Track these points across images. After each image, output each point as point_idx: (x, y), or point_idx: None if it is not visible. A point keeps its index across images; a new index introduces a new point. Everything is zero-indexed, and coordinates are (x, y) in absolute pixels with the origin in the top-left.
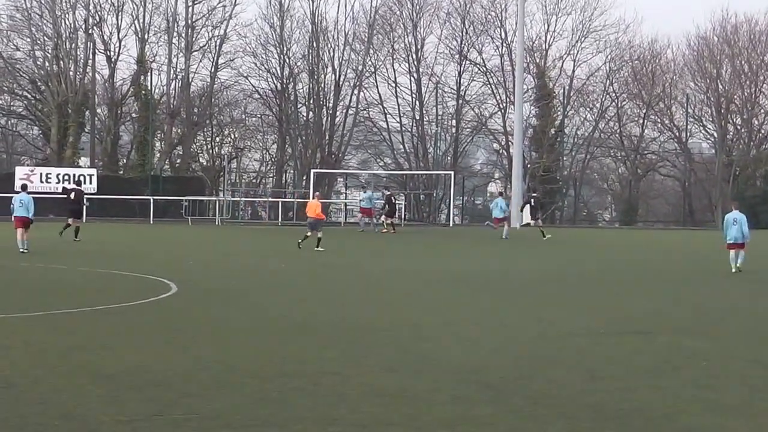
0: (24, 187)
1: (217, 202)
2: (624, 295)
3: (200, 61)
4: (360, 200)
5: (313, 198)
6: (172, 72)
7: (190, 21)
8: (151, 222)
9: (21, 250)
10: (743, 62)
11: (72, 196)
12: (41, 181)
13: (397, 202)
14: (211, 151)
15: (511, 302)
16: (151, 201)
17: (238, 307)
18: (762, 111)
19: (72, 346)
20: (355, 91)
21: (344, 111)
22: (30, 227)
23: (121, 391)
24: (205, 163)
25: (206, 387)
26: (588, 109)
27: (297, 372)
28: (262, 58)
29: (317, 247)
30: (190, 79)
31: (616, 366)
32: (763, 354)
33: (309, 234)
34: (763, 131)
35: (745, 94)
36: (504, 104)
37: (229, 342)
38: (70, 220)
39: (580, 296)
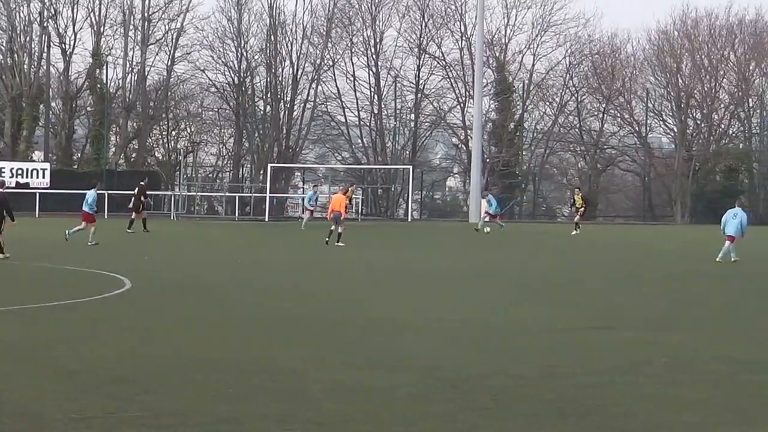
0: None
1: (173, 197)
2: (586, 290)
3: (156, 54)
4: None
5: (339, 192)
6: (128, 65)
7: (146, 14)
8: (106, 217)
9: None
10: (703, 57)
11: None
12: None
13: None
14: (167, 145)
15: (471, 298)
16: (106, 195)
17: (195, 303)
18: (722, 106)
19: (27, 342)
20: (313, 85)
21: (302, 105)
22: None
23: (77, 388)
24: (161, 158)
25: (163, 383)
26: (548, 103)
27: (256, 368)
28: (219, 51)
29: (338, 242)
30: (146, 73)
31: (577, 362)
32: (725, 350)
33: (333, 228)
34: (722, 126)
35: (705, 88)
36: (463, 98)
37: (187, 338)
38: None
39: (541, 292)
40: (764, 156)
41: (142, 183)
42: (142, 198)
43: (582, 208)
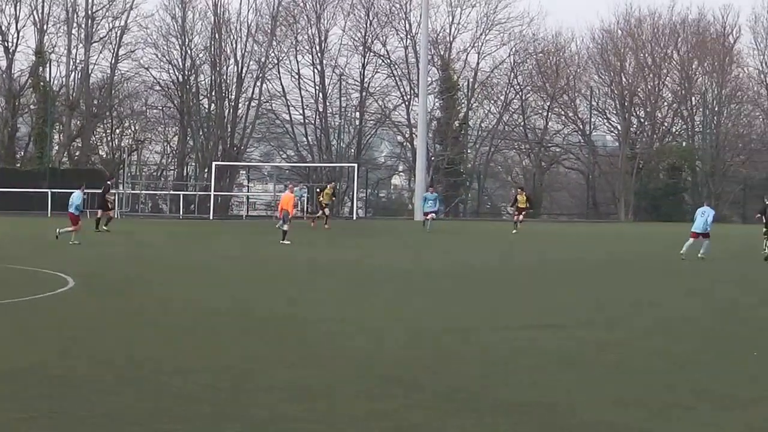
0: None
1: (117, 195)
2: (532, 288)
3: (100, 52)
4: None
5: (288, 191)
6: (71, 63)
7: (90, 12)
8: (49, 215)
9: None
10: (647, 55)
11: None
12: None
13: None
14: (111, 144)
15: (419, 296)
16: (49, 194)
17: (139, 301)
18: (665, 104)
19: None
20: (258, 83)
21: (247, 103)
22: None
23: (20, 389)
24: (104, 156)
25: (107, 383)
26: (492, 101)
27: (200, 367)
28: (163, 49)
29: (284, 240)
30: (90, 71)
31: (522, 359)
32: (667, 347)
33: (285, 227)
34: (666, 124)
35: (649, 87)
36: (408, 96)
37: (130, 337)
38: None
39: (488, 290)
40: (707, 154)
41: (108, 182)
42: (107, 197)
43: (525, 208)
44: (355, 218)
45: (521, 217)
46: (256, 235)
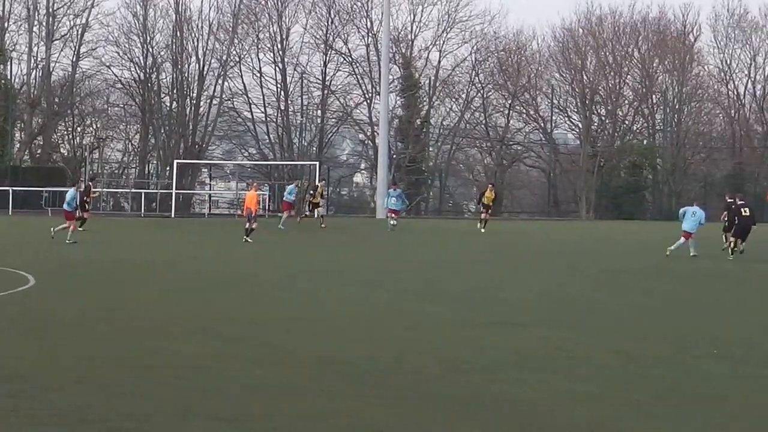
0: None
1: (78, 193)
2: (492, 286)
3: (61, 50)
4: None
5: (252, 190)
6: (32, 61)
7: (51, 9)
8: (10, 213)
9: None
10: (608, 54)
11: None
12: None
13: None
14: (72, 142)
15: (377, 294)
16: (10, 192)
17: (99, 299)
18: (626, 102)
19: None
20: (220, 81)
21: (208, 101)
22: None
23: None
24: (66, 154)
25: (66, 381)
26: (454, 99)
27: (160, 365)
28: (125, 47)
29: (248, 237)
30: (51, 69)
31: (483, 357)
32: (624, 346)
33: (254, 226)
34: (627, 122)
35: (610, 85)
36: (370, 94)
37: (90, 335)
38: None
39: (447, 287)
40: (667, 152)
41: (90, 182)
42: (86, 198)
43: (490, 206)
44: (316, 216)
45: (487, 215)
46: (217, 234)
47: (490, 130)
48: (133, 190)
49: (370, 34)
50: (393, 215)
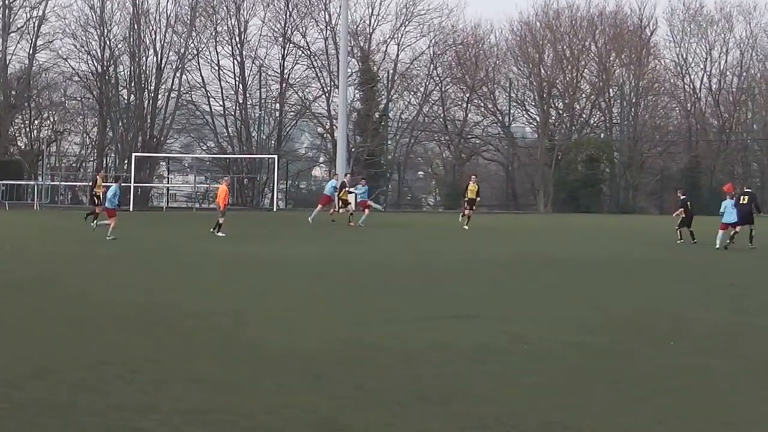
0: None
1: (36, 186)
2: (448, 280)
3: (18, 42)
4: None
5: (224, 184)
6: None
7: (7, 1)
8: None
9: None
10: (565, 47)
11: None
12: None
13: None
14: (29, 135)
15: (334, 289)
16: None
17: (56, 294)
18: (583, 96)
19: None
20: (178, 74)
21: (166, 94)
22: None
23: None
24: (23, 147)
25: (22, 376)
26: (412, 93)
27: (117, 360)
28: (82, 39)
29: (218, 232)
30: (8, 61)
31: (439, 350)
32: (576, 336)
33: (221, 220)
34: (584, 116)
35: (567, 78)
36: (328, 88)
37: (47, 330)
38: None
39: (404, 283)
40: (624, 145)
41: (97, 176)
42: (95, 190)
43: (475, 199)
44: (275, 209)
45: (470, 211)
46: (175, 227)
47: (448, 124)
48: (91, 184)
49: (328, 28)
50: (366, 207)
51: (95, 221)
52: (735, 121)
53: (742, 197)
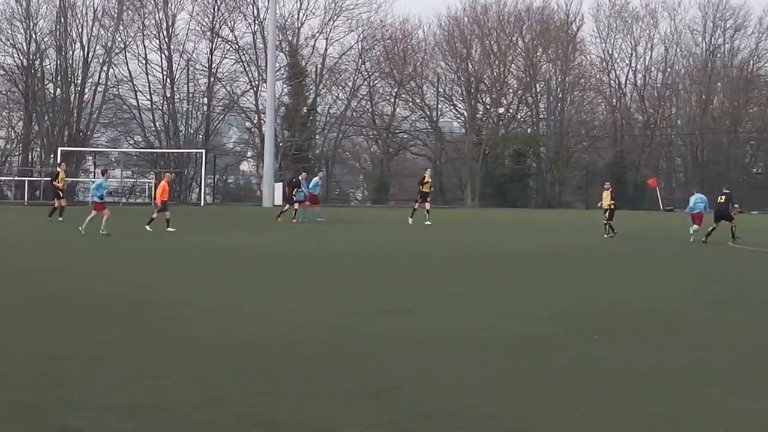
0: None
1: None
2: (387, 274)
3: None
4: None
5: (165, 181)
6: None
7: None
8: None
9: None
10: (492, 43)
11: None
12: None
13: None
14: None
15: (275, 283)
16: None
17: (3, 288)
18: (510, 91)
19: None
20: (105, 68)
21: (93, 88)
22: None
23: None
24: None
25: None
26: (340, 87)
27: (58, 355)
28: (7, 33)
29: (149, 226)
30: None
31: (377, 344)
32: (513, 330)
33: (168, 215)
34: (511, 111)
35: (494, 73)
36: (256, 82)
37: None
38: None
39: (344, 276)
40: (551, 140)
41: (59, 169)
42: (58, 184)
43: (428, 193)
44: (203, 204)
45: (428, 205)
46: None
47: (376, 118)
48: (16, 179)
49: (256, 22)
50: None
51: (81, 226)
52: (659, 116)
53: (719, 197)
